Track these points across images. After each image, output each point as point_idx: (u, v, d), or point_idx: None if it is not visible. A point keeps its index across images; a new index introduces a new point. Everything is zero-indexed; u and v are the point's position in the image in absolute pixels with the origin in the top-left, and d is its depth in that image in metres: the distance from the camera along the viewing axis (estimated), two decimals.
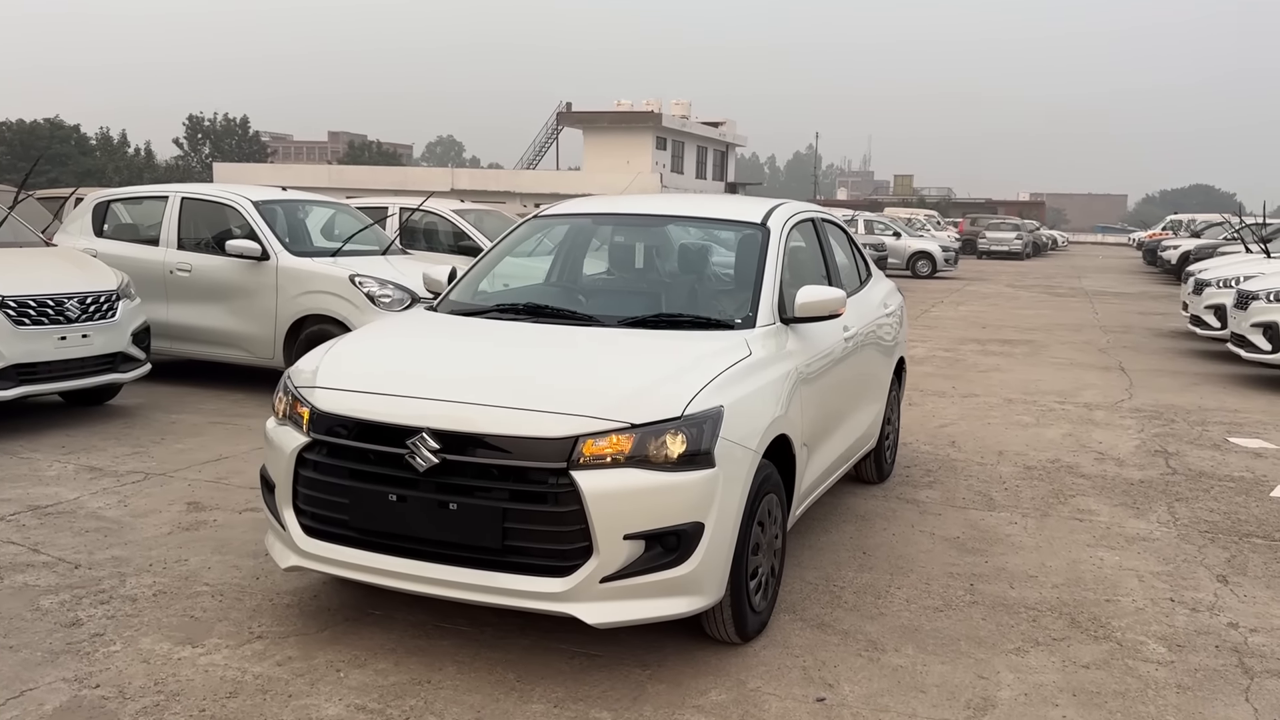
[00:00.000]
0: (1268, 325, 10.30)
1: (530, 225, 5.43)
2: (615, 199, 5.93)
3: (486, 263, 5.24)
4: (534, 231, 5.45)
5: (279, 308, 8.67)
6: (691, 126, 61.63)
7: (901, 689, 3.71)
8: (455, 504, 3.57)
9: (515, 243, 5.38)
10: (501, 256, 5.31)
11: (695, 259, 5.29)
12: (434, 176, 60.91)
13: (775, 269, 4.72)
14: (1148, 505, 6.15)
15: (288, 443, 3.90)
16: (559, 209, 5.55)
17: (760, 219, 5.03)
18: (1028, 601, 4.58)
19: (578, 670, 3.79)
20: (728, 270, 5.05)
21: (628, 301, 4.85)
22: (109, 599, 4.34)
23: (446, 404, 3.67)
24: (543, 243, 5.54)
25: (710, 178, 64.88)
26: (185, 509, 5.62)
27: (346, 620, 4.18)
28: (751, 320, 4.47)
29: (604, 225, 5.52)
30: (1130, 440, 7.95)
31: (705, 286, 5.04)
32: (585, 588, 3.50)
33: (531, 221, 5.45)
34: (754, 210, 5.16)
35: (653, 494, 3.52)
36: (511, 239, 5.38)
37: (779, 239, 4.90)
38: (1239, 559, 5.21)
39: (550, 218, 5.49)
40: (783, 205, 5.30)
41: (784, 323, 4.58)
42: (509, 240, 5.37)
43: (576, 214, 5.50)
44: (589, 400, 3.62)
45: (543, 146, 65.72)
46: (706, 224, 5.39)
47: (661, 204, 5.58)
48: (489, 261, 5.26)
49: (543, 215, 5.49)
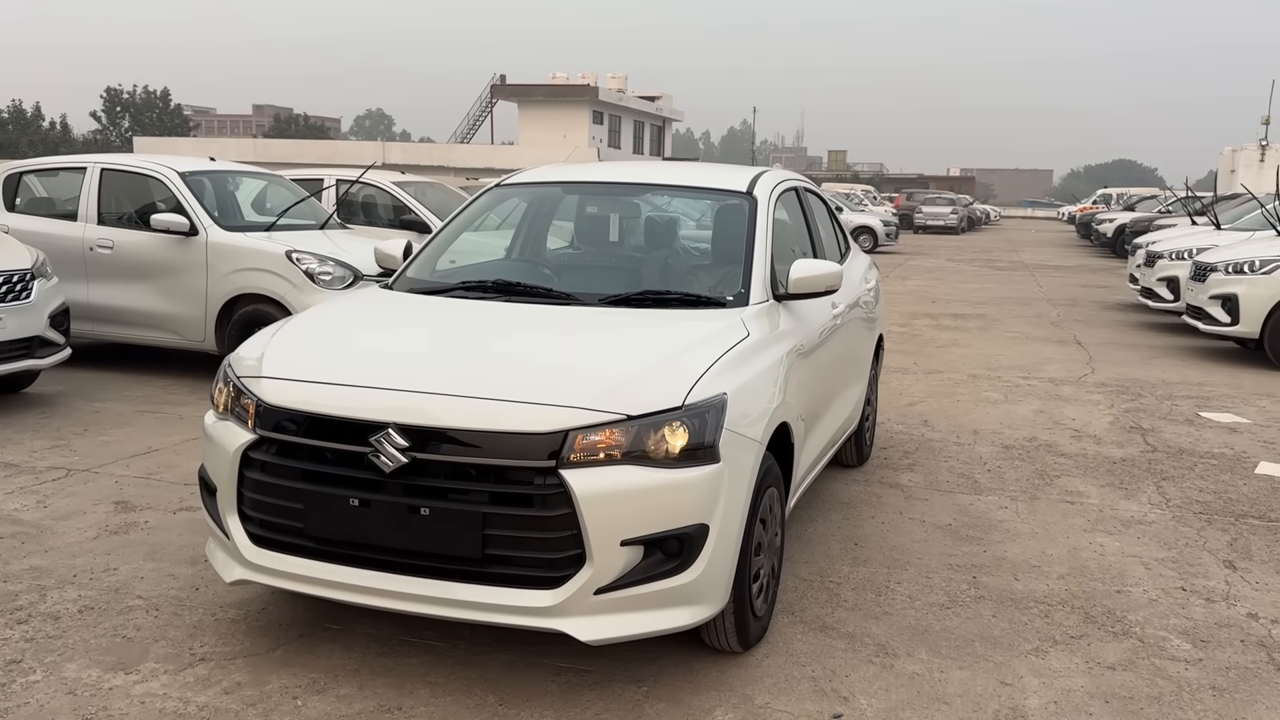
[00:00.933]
0: (1226, 297, 10.21)
1: (492, 195, 4.98)
2: (584, 166, 5.49)
3: (446, 236, 4.79)
4: (496, 201, 4.99)
5: (209, 287, 8.08)
6: (628, 100, 60.88)
7: (922, 700, 3.38)
8: (427, 509, 3.15)
9: (476, 214, 4.92)
10: (462, 229, 4.85)
11: (675, 231, 4.89)
12: (364, 150, 59.53)
13: (765, 242, 4.34)
14: (1136, 485, 5.93)
15: (230, 440, 3.44)
16: (523, 177, 5.09)
17: (745, 187, 4.65)
18: (1035, 595, 4.30)
19: (566, 689, 3.40)
20: (712, 244, 4.64)
21: (607, 277, 4.42)
22: (27, 618, 3.84)
23: (415, 395, 3.23)
24: (507, 215, 5.09)
25: (648, 152, 64.24)
26: (113, 509, 5.10)
27: (301, 637, 3.74)
28: (744, 298, 4.09)
29: (574, 194, 5.08)
30: (1103, 416, 7.76)
31: (690, 261, 4.64)
32: (577, 600, 3.11)
33: (493, 191, 4.99)
34: (737, 178, 4.77)
35: (652, 494, 3.13)
36: (472, 210, 4.92)
37: (767, 209, 4.52)
38: (1241, 542, 5.00)
39: (514, 186, 5.03)
40: (766, 173, 4.92)
41: (777, 300, 4.21)
42: (469, 212, 4.91)
43: (543, 182, 5.05)
44: (578, 389, 3.21)
45: (477, 120, 64.51)
46: (687, 192, 4.98)
47: (635, 171, 5.15)
48: (448, 235, 4.80)
49: (506, 184, 5.03)
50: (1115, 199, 44.89)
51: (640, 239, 4.90)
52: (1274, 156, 38.47)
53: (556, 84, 59.97)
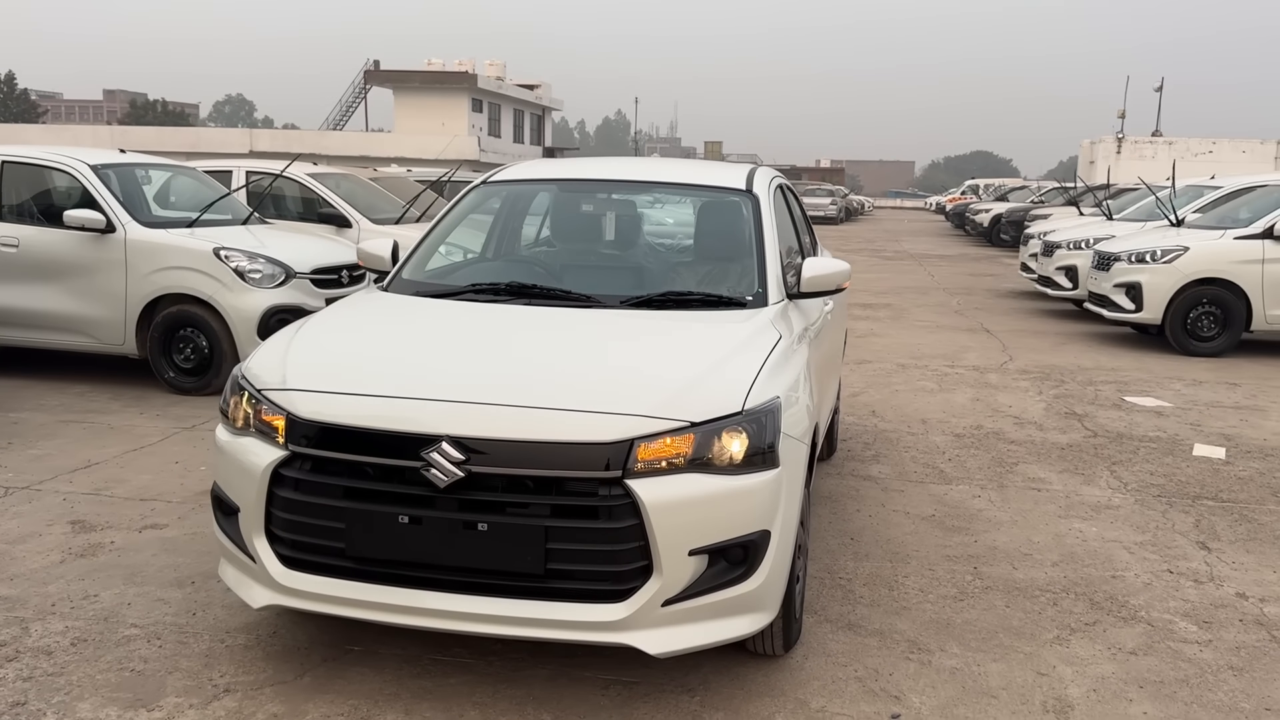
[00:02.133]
0: (1130, 285, 10.71)
1: (479, 193, 4.82)
2: (574, 162, 5.36)
3: (437, 236, 4.61)
4: (485, 200, 4.84)
5: (129, 287, 7.62)
6: (507, 89, 60.16)
7: (970, 696, 3.43)
8: (485, 524, 3.02)
9: (465, 213, 4.76)
10: (452, 229, 4.68)
11: (682, 230, 4.82)
12: (229, 138, 57.40)
13: (774, 240, 4.33)
14: (1091, 471, 6.16)
15: (257, 458, 3.23)
16: (512, 174, 4.95)
17: (744, 185, 4.62)
18: (1038, 583, 4.41)
19: (618, 703, 3.33)
20: (719, 242, 4.59)
21: (622, 278, 4.33)
22: (15, 654, 3.54)
23: (469, 406, 3.10)
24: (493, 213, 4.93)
25: (528, 141, 63.69)
26: (70, 530, 4.76)
27: (325, 661, 3.55)
28: (763, 298, 4.07)
29: (570, 192, 4.95)
30: (1036, 403, 8.04)
31: (701, 260, 4.57)
32: (646, 613, 3.04)
33: (480, 189, 4.83)
34: (732, 176, 4.74)
35: (718, 502, 3.08)
36: (460, 209, 4.75)
37: (770, 206, 4.50)
38: (1205, 523, 5.24)
39: (504, 184, 4.88)
40: (759, 170, 4.91)
41: (789, 298, 4.20)
42: (458, 210, 4.75)
43: (535, 179, 4.91)
44: (637, 397, 3.13)
45: (350, 107, 62.79)
46: (687, 190, 4.92)
47: (629, 168, 5.05)
48: (439, 235, 4.62)
49: (494, 182, 4.87)
50: (983, 189, 46.69)
51: (646, 238, 4.82)
52: (1129, 148, 40.59)
53: (433, 70, 58.83)
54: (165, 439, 6.40)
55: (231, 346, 7.55)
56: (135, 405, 7.27)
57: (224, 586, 4.07)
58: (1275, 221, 10.18)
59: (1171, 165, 16.45)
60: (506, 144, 59.98)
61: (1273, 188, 11.32)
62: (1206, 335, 10.44)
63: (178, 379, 7.66)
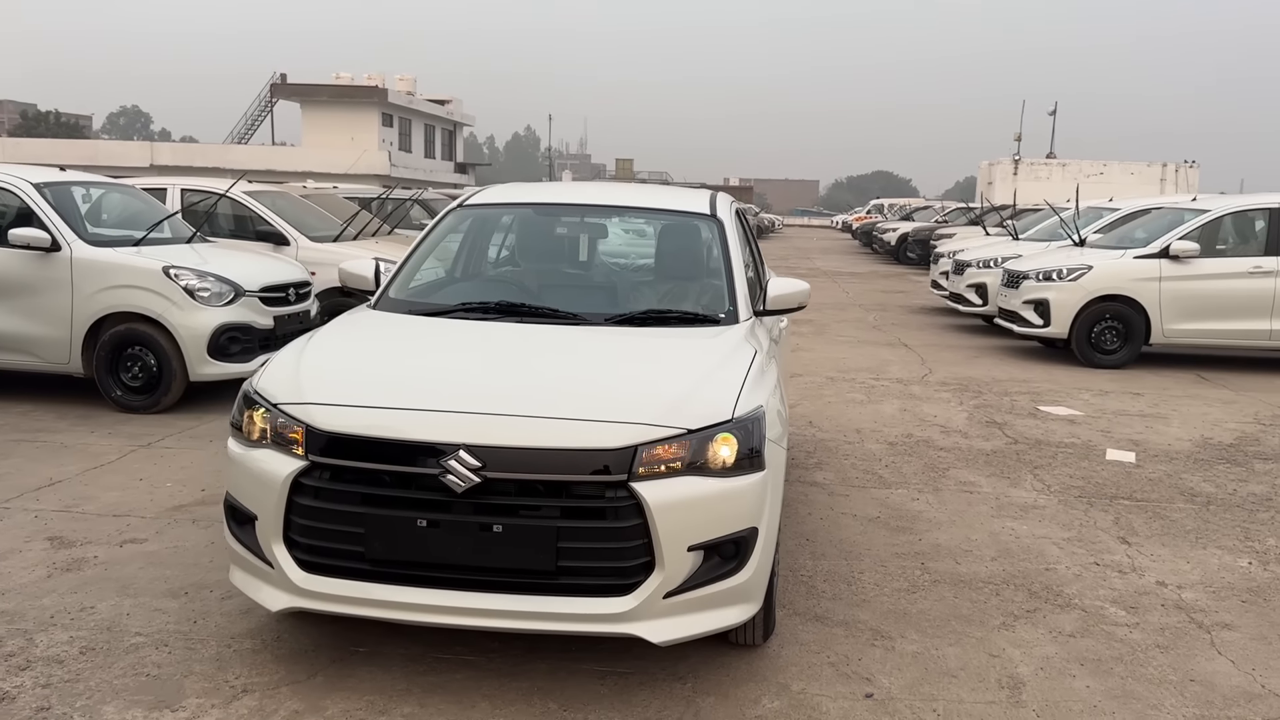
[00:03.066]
0: (1039, 302, 11.37)
1: (456, 216, 5.05)
2: (545, 187, 5.62)
3: (418, 257, 4.83)
4: (460, 221, 5.07)
5: (75, 306, 7.61)
6: (418, 104, 59.85)
7: (933, 676, 3.78)
8: (500, 526, 3.27)
9: (443, 235, 4.99)
10: (432, 250, 4.91)
11: (652, 251, 5.12)
12: (129, 151, 55.96)
13: (740, 261, 4.67)
14: (1016, 474, 6.63)
15: (277, 468, 3.42)
16: (485, 198, 5.19)
17: (708, 209, 4.95)
18: (980, 576, 4.81)
19: (617, 691, 3.59)
20: (690, 263, 4.91)
21: (602, 297, 4.61)
22: (27, 664, 3.65)
23: (483, 417, 3.34)
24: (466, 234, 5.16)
25: (439, 157, 63.40)
26: (49, 546, 4.83)
27: (334, 662, 3.74)
28: (734, 315, 4.39)
29: (545, 216, 5.22)
30: (958, 413, 8.54)
31: (673, 280, 4.87)
32: (649, 605, 3.31)
33: (457, 212, 5.07)
34: (695, 201, 5.06)
35: (713, 502, 3.37)
36: (439, 231, 4.98)
37: (734, 229, 4.84)
38: (1123, 520, 5.72)
39: (479, 207, 5.13)
40: (718, 195, 5.24)
41: (756, 315, 4.53)
42: (437, 232, 4.97)
43: (511, 203, 5.16)
44: (638, 407, 3.42)
45: (255, 120, 61.72)
46: (655, 215, 5.22)
47: (598, 193, 5.33)
48: (420, 255, 4.85)
49: (469, 205, 5.11)
50: (887, 208, 48.18)
51: (619, 259, 5.11)
52: (1026, 170, 42.33)
53: (342, 84, 58.24)
54: (123, 457, 6.44)
55: (181, 364, 7.59)
56: (83, 424, 7.27)
57: (220, 595, 4.25)
58: (1170, 242, 10.94)
59: (1075, 188, 17.38)
60: (418, 159, 59.65)
61: (1166, 210, 12.14)
62: (1109, 348, 11.14)
63: (125, 397, 7.66)
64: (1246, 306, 10.88)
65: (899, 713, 3.51)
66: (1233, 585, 4.78)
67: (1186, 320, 10.97)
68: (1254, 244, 11.15)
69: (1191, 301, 10.93)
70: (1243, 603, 4.57)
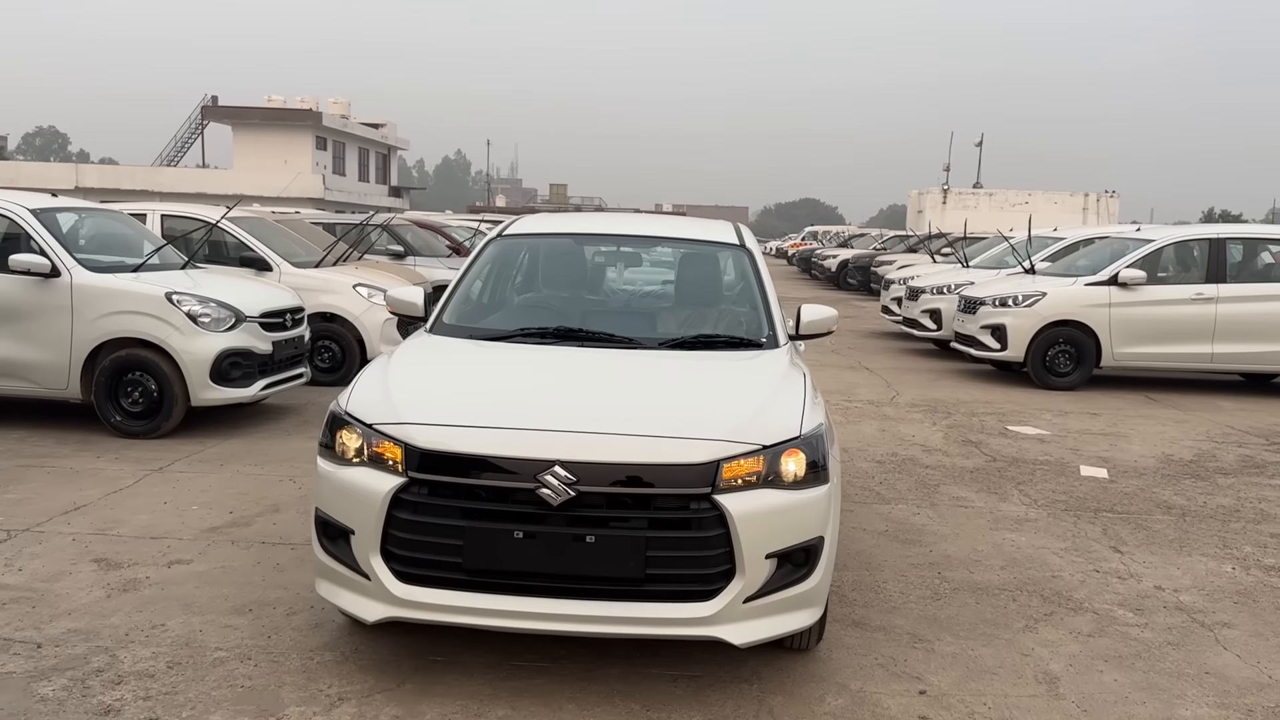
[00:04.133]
0: (996, 327, 11.89)
1: (497, 246, 5.28)
2: (572, 218, 5.86)
3: (467, 284, 5.04)
4: (503, 252, 5.30)
5: (75, 332, 7.63)
6: (352, 127, 59.56)
7: (975, 674, 4.09)
8: (593, 536, 3.50)
9: (486, 263, 5.21)
10: (477, 278, 5.13)
11: (689, 279, 5.38)
12: (52, 172, 54.53)
13: (772, 288, 4.97)
14: (1002, 490, 7.02)
15: (376, 485, 3.61)
16: (522, 229, 5.43)
17: (738, 240, 5.25)
18: (994, 584, 5.15)
19: (692, 692, 3.83)
20: (725, 291, 5.20)
21: (647, 322, 4.88)
22: (121, 679, 3.76)
23: (577, 435, 3.57)
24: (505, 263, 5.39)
25: (374, 180, 63.05)
26: (97, 568, 4.91)
27: (417, 670, 3.92)
28: (775, 340, 4.69)
29: (582, 245, 5.47)
30: (934, 433, 8.94)
31: (713, 306, 5.14)
32: (731, 609, 3.56)
33: (498, 242, 5.30)
34: (723, 231, 5.36)
35: (787, 512, 3.64)
36: (483, 260, 5.20)
37: (761, 259, 5.15)
38: (1111, 531, 6.13)
39: (519, 237, 5.37)
40: (741, 227, 5.55)
41: (791, 339, 4.83)
42: (481, 261, 5.19)
43: (547, 234, 5.41)
44: (717, 424, 3.68)
45: (185, 143, 60.68)
46: (689, 245, 5.49)
47: (628, 224, 5.59)
48: (468, 283, 5.06)
49: (508, 235, 5.35)
50: (821, 235, 49.24)
51: (659, 286, 5.37)
52: (954, 199, 43.62)
53: (275, 107, 57.72)
54: (139, 481, 6.49)
55: (183, 389, 7.65)
56: (86, 449, 7.28)
57: (284, 611, 4.40)
58: (1119, 270, 11.55)
59: (1028, 219, 18.10)
60: (352, 183, 59.29)
61: (1113, 240, 12.81)
62: (1063, 371, 11.69)
63: (125, 423, 7.69)
64: (1189, 331, 11.52)
65: (953, 707, 3.81)
66: (1223, 588, 5.18)
67: (1134, 344, 11.58)
68: (1195, 272, 11.82)
69: (1139, 326, 11.54)
70: (1235, 604, 4.98)
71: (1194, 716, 3.80)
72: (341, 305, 10.30)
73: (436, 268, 14.52)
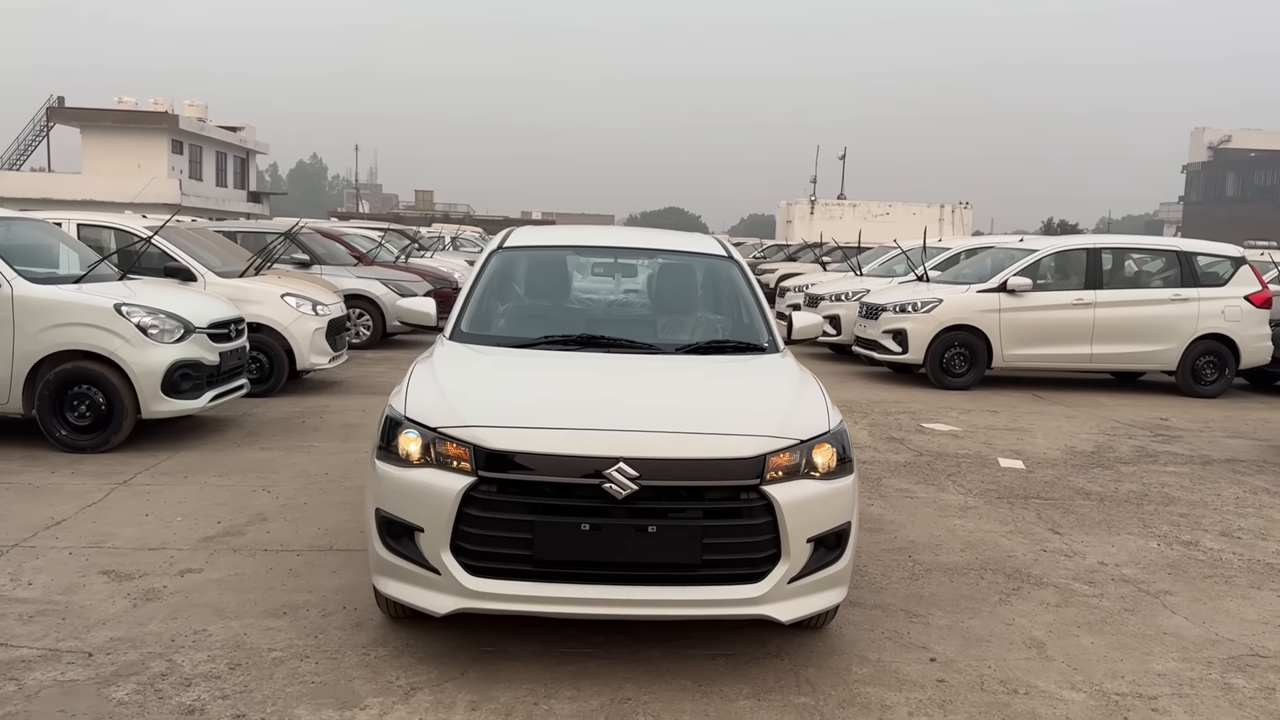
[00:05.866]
0: (897, 332, 12.63)
1: (500, 258, 5.51)
2: (564, 230, 6.11)
3: (477, 297, 5.25)
4: (507, 264, 5.53)
5: (17, 345, 7.45)
6: (210, 130, 57.53)
7: (972, 642, 4.56)
8: (654, 526, 3.80)
9: (493, 274, 5.42)
10: (487, 287, 5.34)
11: (686, 289, 5.70)
12: None
13: (763, 296, 5.36)
14: (938, 482, 7.60)
15: (447, 484, 3.82)
16: (520, 241, 5.66)
17: (725, 252, 5.63)
18: (960, 565, 5.66)
19: (733, 668, 4.17)
20: (724, 299, 5.54)
21: (658, 329, 5.20)
22: (189, 680, 3.86)
23: (638, 434, 3.87)
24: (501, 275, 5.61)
25: (232, 185, 61.02)
26: (110, 579, 4.93)
27: (475, 660, 4.14)
28: (775, 344, 5.08)
29: (582, 256, 5.74)
30: (860, 431, 9.52)
31: (713, 314, 5.48)
32: (778, 590, 3.92)
33: (500, 254, 5.53)
34: (709, 244, 5.73)
35: (824, 500, 4.03)
36: (489, 271, 5.41)
37: (748, 268, 5.54)
38: (1044, 515, 6.75)
39: (519, 249, 5.61)
40: (722, 238, 5.92)
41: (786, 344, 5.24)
42: (487, 272, 5.40)
43: (546, 245, 5.67)
44: (760, 422, 4.04)
45: (29, 145, 57.48)
46: (681, 256, 5.81)
47: (621, 237, 5.89)
48: (480, 294, 5.27)
49: (508, 248, 5.58)
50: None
51: (662, 296, 5.67)
52: (821, 209, 45.24)
53: (127, 109, 55.31)
54: (108, 495, 6.42)
55: (134, 402, 7.55)
56: (36, 464, 7.13)
57: (320, 612, 4.57)
58: (1008, 278, 12.45)
59: (924, 230, 19.09)
60: (209, 188, 57.31)
61: (998, 250, 13.75)
62: (958, 372, 12.51)
63: (71, 437, 7.53)
64: (1071, 334, 12.50)
65: (963, 670, 4.26)
66: (1155, 562, 5.83)
67: (1022, 346, 12.49)
68: (1075, 279, 12.83)
69: (1026, 330, 12.46)
70: (1169, 574, 5.62)
71: (1166, 669, 4.35)
72: (269, 315, 10.22)
73: (345, 277, 14.47)
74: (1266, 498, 7.46)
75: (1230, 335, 12.59)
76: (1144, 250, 13.84)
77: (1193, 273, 12.84)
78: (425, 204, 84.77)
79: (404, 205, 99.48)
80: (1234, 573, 5.67)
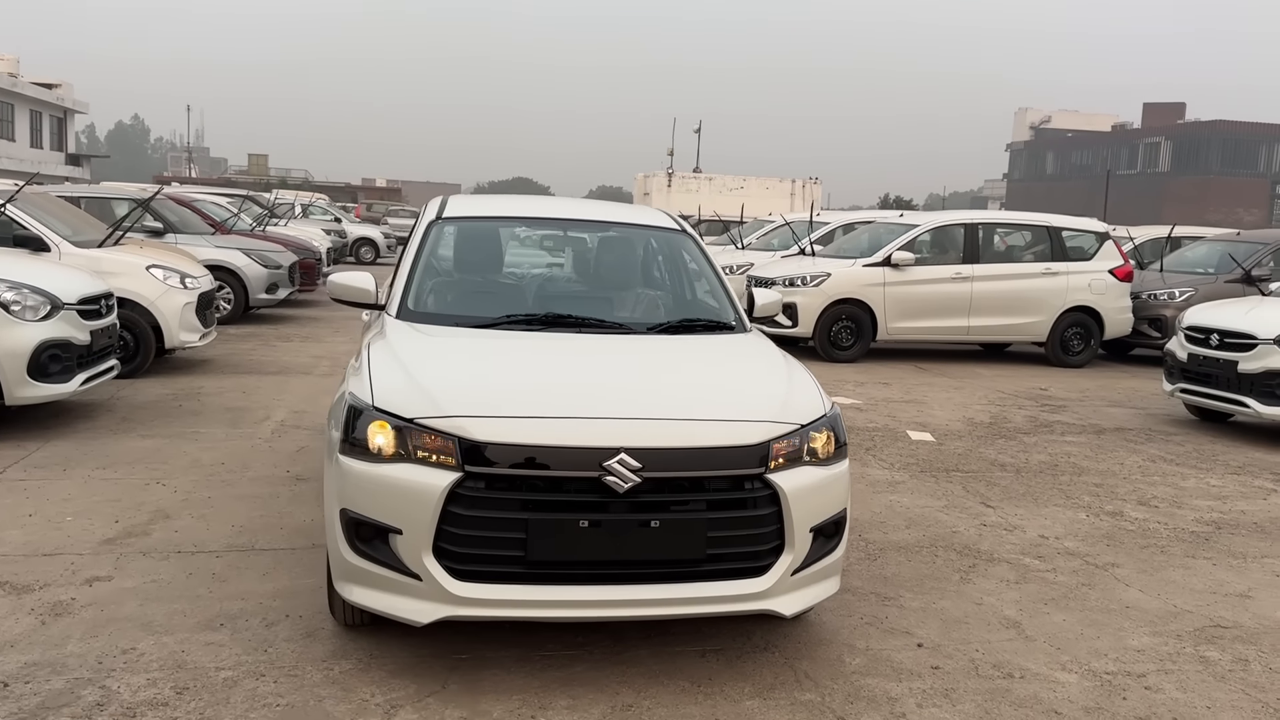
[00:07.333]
0: (788, 305, 12.64)
1: (439, 229, 5.07)
2: (508, 200, 5.69)
3: (421, 270, 4.82)
4: (448, 236, 5.10)
5: None
6: (22, 86, 53.18)
7: (951, 625, 4.49)
8: (657, 521, 3.54)
9: (433, 247, 4.99)
10: (426, 261, 4.90)
11: (636, 263, 5.38)
12: None
13: (721, 270, 5.14)
14: (860, 457, 7.56)
15: (428, 480, 3.45)
16: (460, 211, 5.23)
17: (678, 225, 5.36)
18: (912, 543, 5.61)
19: (726, 664, 3.96)
20: (679, 274, 5.25)
21: (625, 307, 4.88)
22: (132, 710, 3.38)
23: (639, 421, 3.59)
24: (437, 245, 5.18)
25: (48, 147, 56.67)
26: (3, 593, 4.32)
27: (452, 670, 3.79)
28: (743, 323, 4.86)
29: (528, 229, 5.35)
30: None
31: (670, 290, 5.18)
32: (781, 583, 3.72)
33: (439, 225, 5.09)
34: (659, 217, 5.45)
35: (825, 487, 3.84)
36: (430, 243, 4.97)
37: (702, 242, 5.30)
38: (971, 488, 6.81)
39: (460, 220, 5.18)
40: (669, 211, 5.65)
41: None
42: (426, 245, 4.96)
43: (491, 217, 5.26)
44: (760, 406, 3.81)
45: None
46: (635, 229, 5.49)
47: (569, 208, 5.51)
48: (421, 268, 4.83)
49: (448, 218, 5.14)
50: None
51: (620, 271, 5.32)
52: (678, 182, 45.38)
53: None
54: None
55: None
56: None
57: (261, 622, 4.16)
58: (891, 252, 12.63)
59: (810, 205, 19.25)
60: (23, 149, 53.10)
61: (879, 225, 13.95)
62: (845, 345, 12.66)
63: None
64: (950, 307, 12.80)
65: (953, 655, 4.18)
66: (1090, 534, 5.93)
67: (905, 319, 12.72)
68: (954, 254, 13.13)
69: (908, 303, 12.69)
70: (1108, 546, 5.72)
71: (1143, 645, 4.38)
72: (134, 289, 9.37)
73: (203, 246, 13.52)
74: (1166, 465, 7.75)
75: (1096, 308, 13.16)
76: (1017, 225, 14.29)
77: (1061, 247, 13.34)
78: (259, 168, 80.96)
79: (235, 169, 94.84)
80: (1165, 543, 5.82)
